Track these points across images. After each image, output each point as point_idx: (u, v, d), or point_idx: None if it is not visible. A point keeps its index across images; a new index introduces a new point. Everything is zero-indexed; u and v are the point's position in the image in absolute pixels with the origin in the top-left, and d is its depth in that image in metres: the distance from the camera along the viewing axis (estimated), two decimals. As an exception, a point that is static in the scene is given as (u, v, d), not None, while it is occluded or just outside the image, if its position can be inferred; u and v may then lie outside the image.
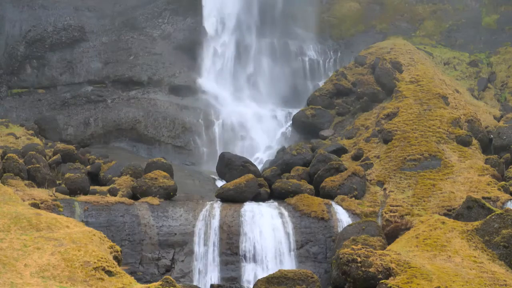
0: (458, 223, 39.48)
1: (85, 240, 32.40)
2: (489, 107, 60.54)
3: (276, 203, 45.65)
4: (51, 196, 42.11)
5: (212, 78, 66.79)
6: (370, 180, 48.40)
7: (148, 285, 30.42)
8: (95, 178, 48.23)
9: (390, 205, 45.26)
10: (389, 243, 40.90)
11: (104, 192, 44.58)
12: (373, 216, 44.71)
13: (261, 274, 40.38)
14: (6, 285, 27.52)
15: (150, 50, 65.43)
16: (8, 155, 44.88)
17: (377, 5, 74.39)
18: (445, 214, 42.91)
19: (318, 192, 47.36)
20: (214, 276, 42.05)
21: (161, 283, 29.77)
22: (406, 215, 44.24)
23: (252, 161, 52.03)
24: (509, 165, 49.32)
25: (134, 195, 45.20)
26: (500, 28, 70.64)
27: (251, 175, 46.75)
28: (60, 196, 42.61)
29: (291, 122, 61.72)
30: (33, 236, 31.99)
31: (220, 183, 51.09)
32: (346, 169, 48.15)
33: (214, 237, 42.81)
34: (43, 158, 47.13)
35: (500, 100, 62.70)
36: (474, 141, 51.85)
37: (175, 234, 42.83)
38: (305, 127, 59.66)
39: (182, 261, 42.29)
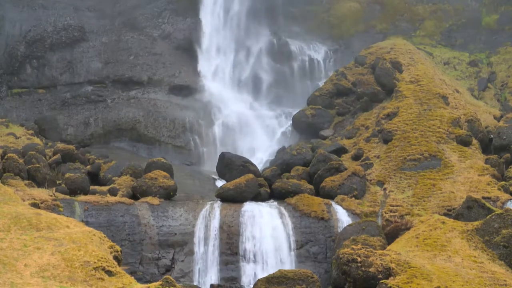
0: (458, 223, 39.46)
1: (85, 240, 32.39)
2: (489, 107, 60.51)
3: (276, 203, 45.60)
4: (51, 196, 42.07)
5: (212, 78, 66.82)
6: (370, 180, 48.37)
7: (148, 285, 30.40)
8: (95, 178, 48.20)
9: (390, 205, 45.24)
10: (389, 243, 40.87)
11: (104, 192, 44.55)
12: (373, 216, 44.68)
13: (261, 274, 40.32)
14: (6, 285, 27.51)
15: (150, 50, 65.44)
16: (8, 155, 44.84)
17: (377, 5, 74.36)
18: (445, 214, 42.88)
19: (318, 192, 47.32)
20: (214, 276, 42.02)
21: (161, 283, 29.76)
22: (406, 215, 44.22)
23: (252, 161, 52.00)
24: (509, 165, 49.30)
25: (134, 195, 45.17)
26: (500, 28, 70.60)
27: (251, 175, 46.71)
28: (60, 196, 42.57)
29: (291, 122, 61.67)
30: (33, 236, 31.97)
31: (220, 183, 51.04)
32: (346, 169, 48.12)
33: (214, 237, 42.77)
34: (43, 158, 47.11)
35: (500, 100, 62.67)
36: (474, 141, 51.80)
37: (175, 234, 42.81)
38: (305, 127, 59.58)
39: (182, 261, 42.27)
